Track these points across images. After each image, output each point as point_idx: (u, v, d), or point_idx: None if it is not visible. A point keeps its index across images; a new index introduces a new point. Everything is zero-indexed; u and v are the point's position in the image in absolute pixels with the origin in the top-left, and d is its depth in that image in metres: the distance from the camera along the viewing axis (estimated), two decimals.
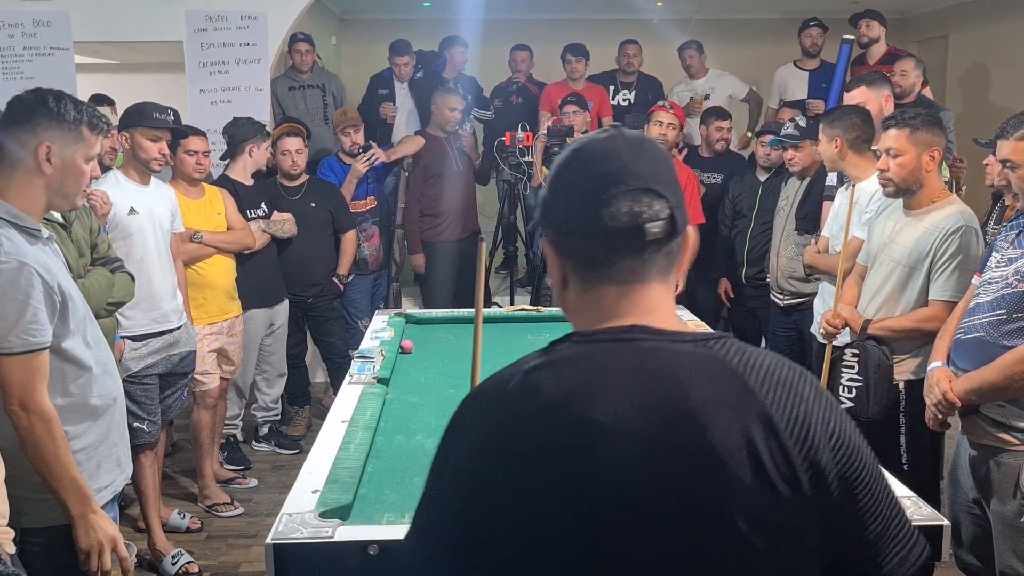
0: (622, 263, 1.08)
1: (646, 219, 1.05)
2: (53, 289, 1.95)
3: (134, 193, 3.49)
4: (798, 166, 4.14)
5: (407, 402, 2.71)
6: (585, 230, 1.07)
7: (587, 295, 1.10)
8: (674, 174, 1.12)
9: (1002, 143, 2.43)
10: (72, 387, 2.05)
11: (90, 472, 2.09)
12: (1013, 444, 2.31)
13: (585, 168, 1.10)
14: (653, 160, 1.10)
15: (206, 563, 3.57)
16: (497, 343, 3.49)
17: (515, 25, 7.37)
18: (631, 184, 1.06)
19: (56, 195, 2.04)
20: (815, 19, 6.19)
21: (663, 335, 1.07)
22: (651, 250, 1.07)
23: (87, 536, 1.98)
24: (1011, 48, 6.82)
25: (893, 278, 2.91)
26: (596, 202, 1.06)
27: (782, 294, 4.17)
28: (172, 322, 3.55)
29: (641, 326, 1.07)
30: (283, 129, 4.60)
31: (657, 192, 1.07)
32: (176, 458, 4.59)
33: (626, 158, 1.08)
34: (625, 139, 1.11)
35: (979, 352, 2.35)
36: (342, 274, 4.78)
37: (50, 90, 2.04)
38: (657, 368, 1.04)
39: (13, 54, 5.33)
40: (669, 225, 1.07)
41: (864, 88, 3.65)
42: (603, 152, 1.10)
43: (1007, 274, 2.35)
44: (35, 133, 1.97)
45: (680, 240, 1.10)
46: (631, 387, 1.02)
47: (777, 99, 6.25)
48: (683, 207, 1.10)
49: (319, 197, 4.65)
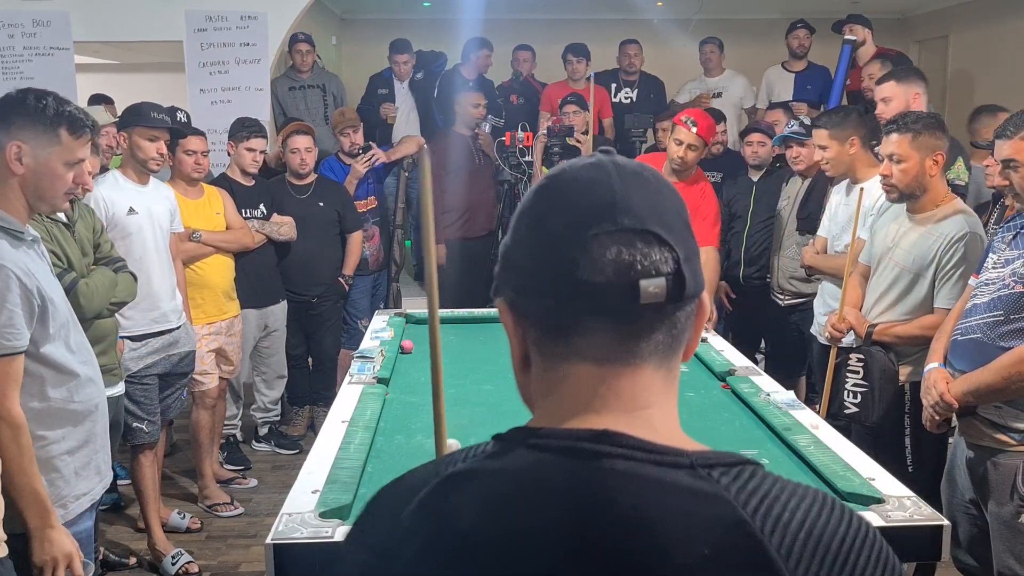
0: (602, 334, 0.76)
1: (640, 273, 0.74)
2: (32, 292, 1.92)
3: (133, 193, 3.49)
4: (802, 164, 4.12)
5: (407, 402, 2.71)
6: (553, 285, 0.76)
7: (551, 375, 0.79)
8: (685, 217, 0.80)
9: (1003, 142, 2.42)
10: (51, 391, 2.02)
11: (67, 478, 2.06)
12: (1010, 445, 2.31)
13: (558, 200, 0.78)
14: (656, 195, 0.79)
15: (206, 563, 3.57)
16: (497, 343, 3.49)
17: (515, 25, 7.37)
18: (622, 223, 0.75)
19: (33, 197, 2.00)
20: (802, 21, 6.20)
21: (647, 452, 0.74)
22: (648, 318, 0.76)
23: (42, 550, 1.94)
24: (1011, 48, 6.82)
25: (898, 283, 2.89)
26: (571, 245, 0.75)
27: (783, 294, 4.17)
28: (171, 322, 3.55)
29: (617, 434, 0.74)
30: (292, 128, 4.61)
31: (658, 237, 0.75)
32: (176, 458, 4.59)
33: (617, 189, 0.77)
34: (617, 166, 0.79)
35: (976, 353, 2.35)
36: (347, 275, 4.79)
37: (35, 90, 2.01)
38: (627, 509, 0.71)
39: (13, 54, 5.34)
40: (674, 285, 0.75)
41: (893, 83, 3.48)
42: (586, 180, 0.78)
43: (1004, 275, 2.34)
44: (8, 132, 1.94)
45: (692, 310, 0.79)
46: (577, 537, 0.70)
47: (766, 100, 6.27)
48: (696, 264, 0.78)
49: (327, 196, 4.66)
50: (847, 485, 1.98)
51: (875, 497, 1.92)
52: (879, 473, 2.08)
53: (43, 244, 2.18)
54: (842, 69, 5.49)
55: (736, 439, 2.39)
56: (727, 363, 3.00)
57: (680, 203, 0.81)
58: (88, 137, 2.06)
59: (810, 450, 2.20)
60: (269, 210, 4.42)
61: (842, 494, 1.96)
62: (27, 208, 2.03)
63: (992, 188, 3.66)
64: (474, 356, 3.26)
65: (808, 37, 6.13)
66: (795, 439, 2.28)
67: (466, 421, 2.53)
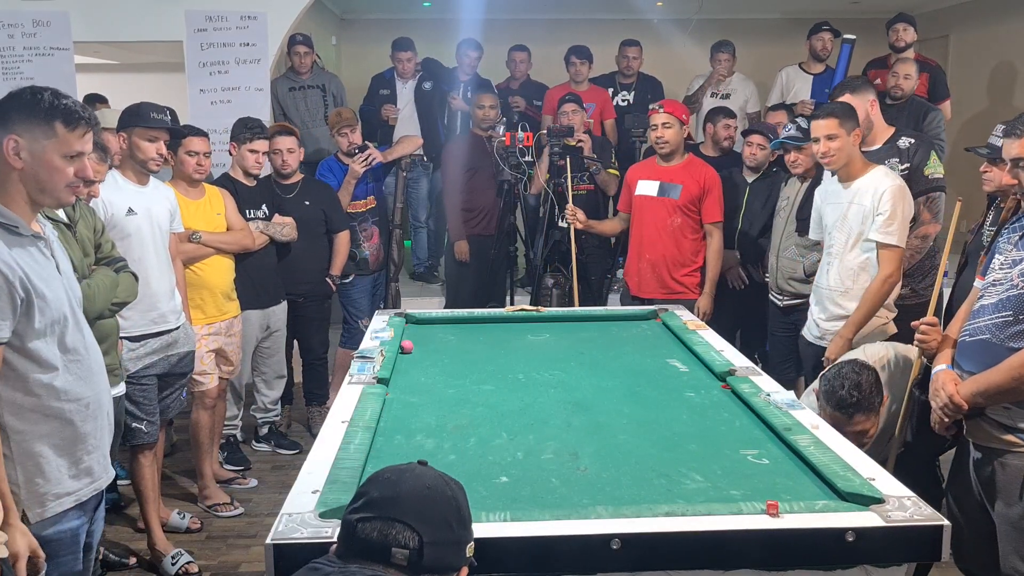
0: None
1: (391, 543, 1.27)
2: (14, 285, 1.91)
3: (132, 194, 3.48)
4: (801, 168, 4.13)
5: (407, 402, 2.71)
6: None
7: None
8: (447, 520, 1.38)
9: (1011, 142, 2.42)
10: (36, 387, 2.01)
11: (48, 475, 2.05)
12: (1018, 446, 2.30)
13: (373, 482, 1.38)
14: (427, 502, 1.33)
15: (206, 563, 3.57)
16: (497, 343, 3.49)
17: (515, 25, 7.37)
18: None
19: (34, 190, 2.01)
20: (827, 23, 6.17)
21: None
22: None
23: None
24: (1011, 48, 6.83)
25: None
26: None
27: (781, 295, 4.17)
28: (170, 322, 3.55)
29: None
30: (274, 128, 4.61)
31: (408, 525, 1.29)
32: (176, 458, 4.59)
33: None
34: (416, 475, 1.36)
35: (984, 354, 2.35)
36: (335, 274, 4.78)
37: (33, 86, 2.02)
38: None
39: (13, 54, 5.34)
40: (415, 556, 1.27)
41: (849, 95, 3.63)
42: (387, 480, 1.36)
43: (1012, 276, 2.34)
44: (5, 127, 1.97)
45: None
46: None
47: (777, 99, 6.24)
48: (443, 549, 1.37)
49: (313, 196, 4.65)
50: (847, 485, 1.98)
51: (875, 497, 1.92)
52: (879, 473, 2.08)
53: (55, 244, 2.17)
54: (842, 68, 5.50)
55: (736, 439, 2.39)
56: (727, 363, 3.00)
57: (446, 509, 1.41)
58: (85, 130, 2.04)
59: (810, 450, 2.20)
60: (271, 210, 4.42)
61: (842, 494, 1.96)
62: (30, 203, 2.03)
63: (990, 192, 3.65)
64: (474, 356, 3.26)
65: (832, 40, 6.11)
66: (795, 439, 2.27)
67: (466, 421, 2.54)
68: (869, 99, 3.69)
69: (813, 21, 6.29)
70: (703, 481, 2.10)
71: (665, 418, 2.56)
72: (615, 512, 1.87)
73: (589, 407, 2.66)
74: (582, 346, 3.39)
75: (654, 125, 4.40)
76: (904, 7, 6.31)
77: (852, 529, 1.81)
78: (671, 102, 4.58)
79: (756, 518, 1.85)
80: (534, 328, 3.71)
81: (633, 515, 1.86)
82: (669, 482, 2.10)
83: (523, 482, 2.11)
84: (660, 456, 2.27)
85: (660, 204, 4.41)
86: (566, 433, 2.45)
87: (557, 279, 4.90)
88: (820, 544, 1.82)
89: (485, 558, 1.72)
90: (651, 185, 4.44)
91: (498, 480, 2.12)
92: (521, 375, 2.98)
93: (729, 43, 6.28)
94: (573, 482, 2.11)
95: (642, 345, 3.44)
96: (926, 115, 5.17)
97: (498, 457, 2.26)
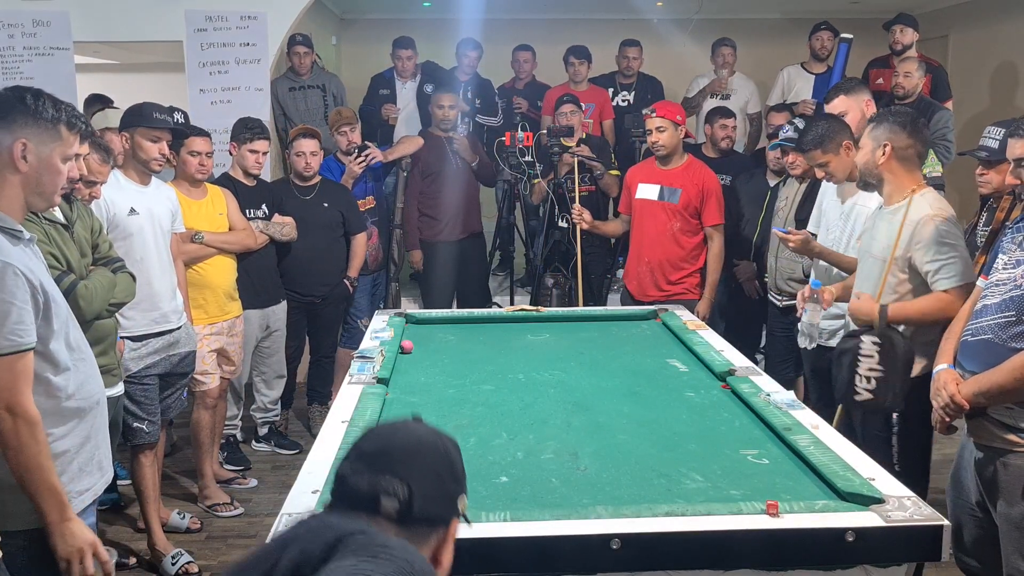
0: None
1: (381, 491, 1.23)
2: (37, 289, 1.94)
3: (134, 194, 3.48)
4: (799, 169, 4.12)
5: (407, 402, 2.71)
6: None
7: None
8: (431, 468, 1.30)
9: (1016, 141, 2.42)
10: (56, 389, 2.04)
11: (71, 475, 2.07)
12: (1020, 445, 2.30)
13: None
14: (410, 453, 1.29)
15: (206, 563, 3.57)
16: (497, 343, 3.49)
17: (515, 25, 7.37)
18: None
19: (32, 193, 2.03)
20: (826, 23, 6.17)
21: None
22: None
23: (65, 543, 1.96)
24: (1011, 48, 6.82)
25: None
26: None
27: (780, 295, 4.17)
28: (172, 322, 3.55)
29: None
30: (299, 131, 4.63)
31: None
32: (176, 458, 4.59)
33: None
34: (409, 429, 1.34)
35: (986, 354, 2.34)
36: (352, 276, 4.79)
37: (29, 88, 2.04)
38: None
39: (13, 54, 5.34)
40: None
41: (843, 97, 3.58)
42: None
43: (1015, 276, 2.33)
44: (11, 131, 1.97)
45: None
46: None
47: (779, 99, 6.24)
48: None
49: (331, 198, 4.67)
50: (847, 485, 1.98)
51: (875, 497, 1.92)
52: (879, 473, 2.08)
53: (38, 245, 2.19)
54: (839, 67, 5.50)
55: (736, 439, 2.39)
56: (727, 363, 3.00)
57: (433, 459, 1.33)
58: (79, 131, 2.09)
59: (810, 450, 2.20)
60: (271, 210, 4.42)
61: (842, 494, 1.97)
62: (23, 208, 2.05)
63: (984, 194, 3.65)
64: (474, 356, 3.26)
65: (832, 39, 6.11)
66: (795, 439, 2.28)
67: (466, 421, 2.54)
68: (864, 100, 3.62)
69: (813, 21, 6.29)
70: (703, 481, 2.11)
71: (665, 418, 2.56)
72: (615, 512, 1.88)
73: (589, 407, 2.66)
74: (582, 346, 3.39)
75: (648, 131, 4.40)
76: (904, 7, 6.30)
77: (852, 529, 1.81)
78: (664, 105, 4.55)
79: (756, 518, 1.85)
80: (534, 328, 3.71)
81: (633, 515, 1.86)
82: (669, 482, 2.11)
83: (523, 482, 2.11)
84: (660, 456, 2.28)
85: (660, 208, 4.40)
86: (566, 433, 2.45)
87: (557, 279, 4.91)
88: (820, 544, 1.82)
89: (485, 558, 1.73)
90: (651, 189, 4.43)
91: (498, 480, 2.12)
92: (521, 375, 2.98)
93: (730, 39, 6.27)
94: (573, 482, 2.11)
95: (642, 345, 3.45)
96: (933, 115, 5.17)
97: (498, 457, 2.27)
